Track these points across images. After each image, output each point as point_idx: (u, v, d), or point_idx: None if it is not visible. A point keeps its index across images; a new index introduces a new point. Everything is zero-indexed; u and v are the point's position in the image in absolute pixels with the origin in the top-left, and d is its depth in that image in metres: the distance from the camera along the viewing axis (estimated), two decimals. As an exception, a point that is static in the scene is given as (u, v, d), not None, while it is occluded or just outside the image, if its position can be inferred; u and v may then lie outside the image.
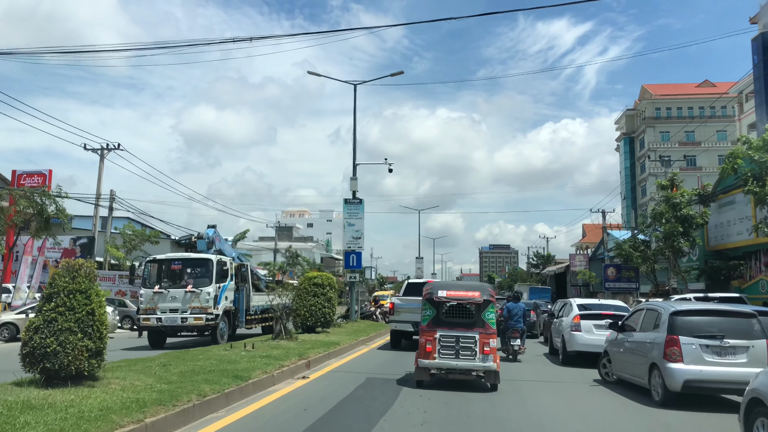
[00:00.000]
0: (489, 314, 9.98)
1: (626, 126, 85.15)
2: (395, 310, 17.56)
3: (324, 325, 18.22)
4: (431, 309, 10.15)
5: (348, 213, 25.65)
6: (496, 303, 11.33)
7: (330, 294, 18.19)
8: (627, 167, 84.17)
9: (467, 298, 9.96)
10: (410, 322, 16.31)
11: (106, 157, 35.94)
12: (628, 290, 44.80)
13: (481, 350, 9.66)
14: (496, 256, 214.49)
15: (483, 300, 9.91)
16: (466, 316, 10.08)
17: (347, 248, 25.65)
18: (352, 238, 25.58)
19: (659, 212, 30.72)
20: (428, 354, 9.83)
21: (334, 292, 18.39)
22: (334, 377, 11.40)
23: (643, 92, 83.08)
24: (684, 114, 79.73)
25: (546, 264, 73.86)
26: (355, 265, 25.50)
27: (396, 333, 17.44)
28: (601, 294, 54.32)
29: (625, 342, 10.81)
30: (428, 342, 9.86)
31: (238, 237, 48.59)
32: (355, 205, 25.68)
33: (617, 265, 45.31)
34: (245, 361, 10.70)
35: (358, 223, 25.63)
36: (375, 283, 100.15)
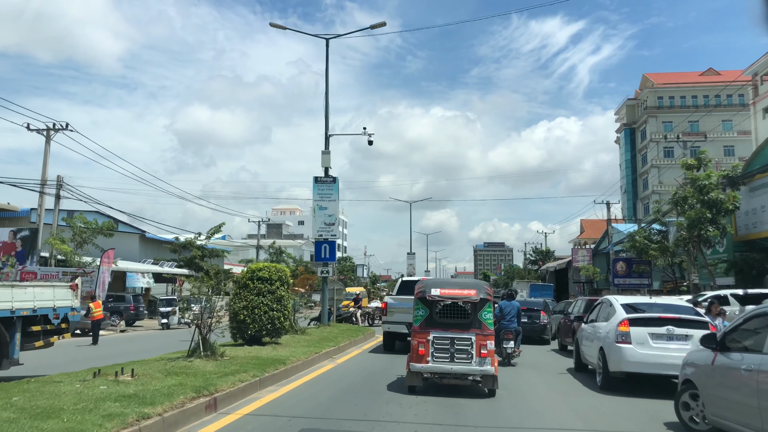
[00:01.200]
0: (486, 314, 9.30)
1: (627, 116, 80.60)
2: (388, 310, 16.33)
3: (273, 333, 13.47)
4: (424, 308, 9.46)
5: (319, 194, 20.91)
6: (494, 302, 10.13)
7: (281, 292, 13.46)
8: (628, 159, 79.65)
9: (462, 297, 9.27)
10: (404, 323, 15.05)
11: (52, 138, 31.15)
12: (640, 287, 40.17)
13: (478, 353, 9.02)
14: (491, 254, 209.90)
15: (479, 299, 9.26)
16: (461, 316, 9.41)
17: (318, 236, 20.92)
18: (324, 224, 20.83)
19: (682, 197, 26.20)
20: (421, 357, 9.13)
21: (286, 290, 13.64)
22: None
23: (644, 81, 78.54)
24: (688, 103, 75.34)
25: (545, 260, 69.24)
26: (328, 256, 20.76)
27: (389, 335, 16.27)
28: (605, 291, 49.86)
29: (740, 371, 6.12)
30: (421, 344, 9.18)
31: (212, 231, 43.71)
32: (327, 184, 20.95)
33: (627, 259, 40.65)
34: (71, 412, 5.94)
35: (331, 206, 20.90)
36: (368, 282, 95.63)
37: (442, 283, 9.99)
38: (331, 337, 17.08)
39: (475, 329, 9.18)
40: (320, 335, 17.57)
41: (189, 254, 43.28)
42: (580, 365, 12.94)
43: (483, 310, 9.30)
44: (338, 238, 21.38)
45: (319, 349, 14.07)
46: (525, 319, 20.74)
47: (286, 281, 13.79)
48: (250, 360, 10.79)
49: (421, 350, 9.11)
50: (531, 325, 20.87)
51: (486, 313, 9.29)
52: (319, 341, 15.80)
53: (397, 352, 15.84)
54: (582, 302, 17.98)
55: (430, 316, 9.43)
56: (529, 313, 21.06)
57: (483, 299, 9.29)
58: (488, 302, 9.35)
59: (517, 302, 15.14)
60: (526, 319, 20.90)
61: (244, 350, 12.36)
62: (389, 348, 16.30)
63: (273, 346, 13.38)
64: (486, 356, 9.00)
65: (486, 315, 9.29)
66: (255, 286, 13.29)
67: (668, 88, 75.53)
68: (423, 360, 9.09)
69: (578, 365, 13.02)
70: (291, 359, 11.60)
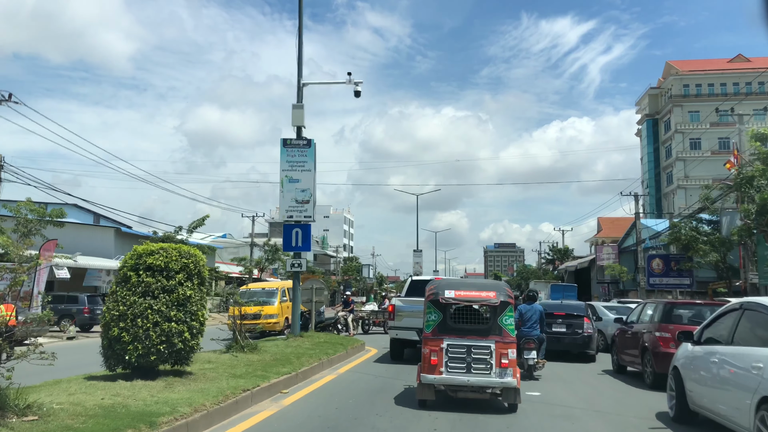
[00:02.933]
0: (507, 319, 8.22)
1: (649, 107, 74.57)
2: (396, 313, 14.23)
3: (174, 357, 8.01)
4: (436, 312, 8.35)
5: (288, 161, 15.52)
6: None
7: (187, 291, 8.00)
8: (650, 152, 73.64)
9: (480, 300, 8.28)
10: (414, 328, 13.07)
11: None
12: (679, 288, 34.43)
13: (498, 363, 7.93)
14: (502, 255, 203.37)
15: (500, 302, 8.20)
16: (479, 321, 8.36)
17: (286, 218, 15.50)
18: (295, 201, 15.41)
19: (748, 177, 20.75)
20: (433, 367, 8.03)
21: (194, 287, 8.14)
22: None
23: (668, 69, 72.54)
24: (716, 91, 69.19)
25: (563, 259, 63.41)
26: (300, 245, 15.35)
27: (397, 342, 14.35)
28: (633, 293, 44.08)
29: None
30: (433, 353, 8.09)
31: (195, 224, 38.50)
32: (299, 149, 15.55)
33: (665, 256, 34.90)
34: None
35: (305, 178, 15.48)
36: (374, 283, 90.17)
37: (456, 283, 8.97)
38: (293, 357, 11.70)
39: (495, 336, 8.17)
40: (279, 353, 12.18)
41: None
42: (684, 412, 7.44)
43: (503, 314, 8.29)
44: (319, 224, 15.97)
45: (259, 380, 8.72)
46: (563, 329, 15.49)
47: (199, 273, 8.35)
48: (83, 416, 5.43)
49: (434, 359, 8.12)
50: (571, 336, 15.43)
51: (507, 318, 8.29)
52: (268, 365, 10.41)
53: (406, 361, 13.75)
54: (655, 307, 12.38)
55: (444, 320, 8.36)
56: (567, 321, 15.64)
57: (503, 302, 8.26)
58: (509, 306, 8.31)
59: (540, 306, 12.98)
60: (564, 328, 15.56)
61: (104, 389, 7.00)
62: (397, 357, 14.25)
63: (171, 379, 7.94)
64: (507, 366, 8.01)
65: (507, 320, 8.28)
66: (141, 281, 7.86)
67: (695, 75, 69.48)
68: (435, 371, 8.10)
69: (682, 412, 7.51)
70: (181, 409, 6.25)
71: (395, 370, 12.68)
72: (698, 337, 7.44)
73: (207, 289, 8.53)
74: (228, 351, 11.63)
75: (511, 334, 8.25)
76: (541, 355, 12.17)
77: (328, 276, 76.82)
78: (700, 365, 7.01)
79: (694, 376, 7.17)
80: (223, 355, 11.27)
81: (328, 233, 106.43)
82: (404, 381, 10.66)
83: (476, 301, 8.33)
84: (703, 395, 6.86)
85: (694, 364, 7.20)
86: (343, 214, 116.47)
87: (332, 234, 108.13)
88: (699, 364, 7.04)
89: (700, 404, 6.95)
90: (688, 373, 7.34)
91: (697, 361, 7.14)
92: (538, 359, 11.83)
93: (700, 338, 7.39)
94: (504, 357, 8.02)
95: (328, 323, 18.72)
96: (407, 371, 11.85)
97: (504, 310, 8.27)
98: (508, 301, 8.31)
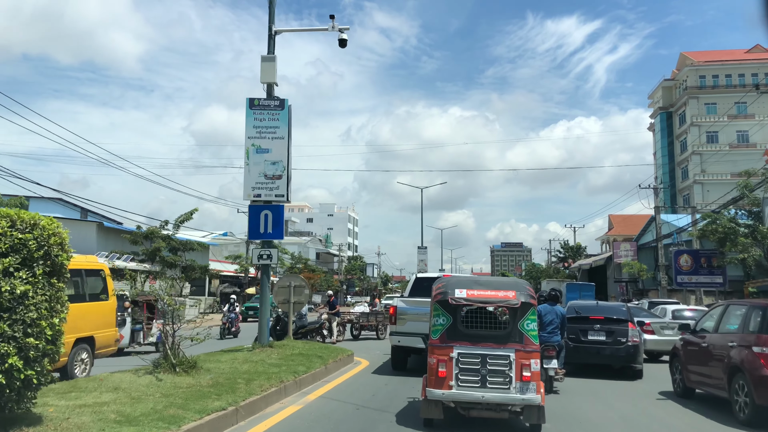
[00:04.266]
0: (529, 323, 6.94)
1: (663, 99, 70.81)
2: (398, 316, 11.94)
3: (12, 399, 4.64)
4: (445, 315, 7.05)
5: (256, 127, 12.17)
6: None
7: (19, 287, 4.67)
8: (664, 146, 69.87)
9: (497, 301, 6.94)
10: (420, 334, 11.02)
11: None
12: (711, 286, 30.91)
13: (519, 376, 6.72)
14: (509, 255, 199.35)
15: (520, 303, 6.85)
16: (495, 326, 7.08)
17: (253, 197, 12.15)
18: (264, 176, 12.06)
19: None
20: (441, 381, 6.78)
21: (36, 280, 4.80)
22: None
23: (683, 60, 68.79)
24: (734, 83, 65.41)
25: (575, 257, 59.85)
26: (270, 231, 11.98)
27: (399, 350, 12.17)
28: (653, 292, 40.55)
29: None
30: (441, 363, 6.84)
31: (182, 218, 35.24)
32: (269, 111, 12.21)
33: (694, 252, 31.39)
34: None
35: (277, 147, 12.14)
36: (378, 283, 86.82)
37: (468, 281, 7.64)
38: (243, 380, 8.37)
39: (515, 343, 6.81)
40: (226, 372, 8.86)
41: (155, 246, 35.10)
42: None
43: (525, 318, 6.91)
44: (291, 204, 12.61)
45: (165, 427, 5.41)
46: (602, 336, 12.25)
47: (48, 257, 5.00)
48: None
49: (442, 371, 6.77)
50: (613, 346, 12.09)
51: (529, 323, 6.93)
52: (196, 395, 7.10)
53: (410, 371, 11.97)
54: (747, 312, 8.74)
55: (454, 325, 7.03)
56: (607, 327, 12.29)
57: (525, 303, 6.87)
58: (532, 307, 6.92)
59: (561, 308, 11.09)
60: (603, 335, 12.27)
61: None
62: (399, 366, 12.41)
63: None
64: (529, 380, 6.68)
65: (529, 325, 6.92)
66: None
67: (712, 66, 65.69)
68: (444, 384, 6.75)
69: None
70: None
71: (393, 388, 9.40)
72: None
73: (63, 284, 5.16)
74: (155, 370, 8.33)
75: (534, 341, 6.94)
76: (561, 364, 10.51)
77: (331, 275, 73.59)
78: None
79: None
80: (142, 377, 7.96)
81: (332, 232, 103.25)
82: (407, 395, 8.79)
83: (492, 302, 7.00)
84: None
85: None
86: (347, 212, 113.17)
87: (336, 233, 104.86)
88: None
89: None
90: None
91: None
92: (557, 368, 10.22)
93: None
94: (526, 369, 6.78)
95: (311, 328, 15.41)
96: (410, 387, 9.09)
97: (525, 313, 6.97)
98: (530, 302, 6.94)
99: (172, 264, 36.73)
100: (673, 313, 18.77)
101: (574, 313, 12.83)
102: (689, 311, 19.17)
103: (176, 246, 36.63)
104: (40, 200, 42.90)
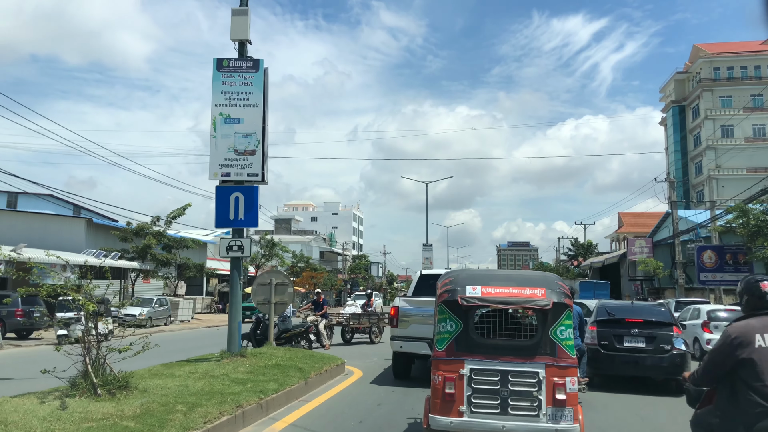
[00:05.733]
0: (563, 330, 5.33)
1: (675, 93, 68.35)
2: (400, 318, 10.54)
3: None
4: (454, 320, 5.41)
5: (224, 92, 10.09)
6: None
7: None
8: (676, 141, 67.39)
9: (522, 300, 5.32)
10: (426, 339, 9.53)
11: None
12: (736, 284, 28.63)
13: (551, 399, 5.15)
14: (515, 254, 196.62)
15: (552, 303, 5.26)
16: (519, 333, 5.43)
17: (221, 176, 10.07)
18: (234, 151, 9.97)
19: None
20: (449, 405, 5.19)
21: None
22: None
23: (696, 52, 66.31)
24: (749, 75, 62.95)
25: (585, 255, 57.55)
26: (242, 218, 9.93)
27: (402, 357, 10.73)
28: (670, 291, 38.25)
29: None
30: (449, 382, 5.23)
31: (174, 214, 33.29)
32: (240, 73, 10.14)
33: (718, 247, 29.11)
34: None
35: (250, 116, 10.07)
36: (383, 282, 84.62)
37: (483, 276, 5.78)
38: (185, 406, 6.30)
39: (545, 356, 5.26)
40: (169, 394, 6.79)
41: (145, 243, 33.12)
42: None
43: (558, 323, 5.32)
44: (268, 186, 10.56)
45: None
46: (641, 343, 10.26)
47: None
48: None
49: (450, 393, 5.19)
50: (654, 354, 10.03)
51: (563, 329, 5.32)
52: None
53: (414, 381, 10.45)
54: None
55: (465, 332, 5.39)
56: (647, 331, 10.22)
57: (559, 304, 5.29)
58: (567, 309, 5.33)
59: (579, 308, 9.68)
60: (643, 342, 10.25)
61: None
62: (402, 375, 10.91)
63: None
64: (564, 404, 5.12)
65: (563, 332, 5.32)
66: None
67: (726, 58, 63.22)
68: (453, 410, 5.19)
69: None
70: None
71: (389, 409, 7.36)
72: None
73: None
74: (70, 392, 6.28)
75: (571, 353, 5.39)
76: (582, 372, 9.31)
77: (335, 274, 71.50)
78: None
79: None
80: (47, 404, 5.90)
81: (337, 231, 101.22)
82: (407, 415, 7.40)
83: (515, 303, 5.42)
84: None
85: None
86: (352, 211, 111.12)
87: (341, 231, 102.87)
88: None
89: None
90: None
91: None
92: (579, 377, 8.37)
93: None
94: (559, 389, 5.25)
95: (297, 333, 13.32)
96: (412, 403, 7.54)
97: (559, 317, 5.41)
98: (565, 302, 5.40)
99: (165, 262, 34.85)
100: (708, 314, 16.62)
101: (606, 315, 10.74)
102: (725, 312, 17.00)
103: (169, 243, 34.74)
104: (31, 197, 41.36)
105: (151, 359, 8.32)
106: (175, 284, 37.00)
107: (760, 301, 3.53)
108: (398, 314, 10.61)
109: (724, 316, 16.74)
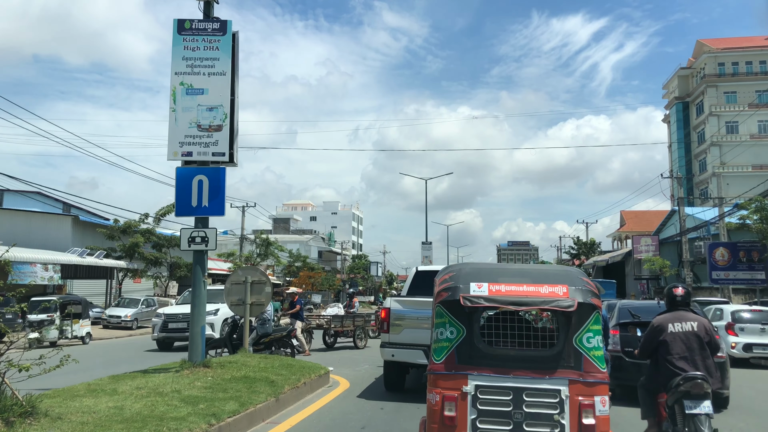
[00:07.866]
0: (591, 337, 4.28)
1: (678, 89, 66.84)
2: (392, 321, 9.12)
3: None
4: (455, 325, 4.37)
5: (186, 58, 8.60)
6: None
7: None
8: (680, 138, 65.87)
9: (539, 300, 4.28)
10: (422, 345, 8.55)
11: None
12: (752, 283, 27.10)
13: (576, 423, 4.10)
14: (515, 253, 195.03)
15: (577, 303, 4.21)
16: (535, 341, 4.37)
17: (181, 155, 8.57)
18: (198, 128, 8.50)
19: None
20: (449, 430, 4.15)
21: None
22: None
23: (700, 47, 64.82)
24: (755, 70, 61.44)
25: (588, 254, 56.09)
26: (206, 204, 8.46)
27: (394, 367, 9.27)
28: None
29: None
30: (449, 402, 4.20)
31: (162, 211, 31.82)
32: (205, 36, 8.68)
33: (732, 245, 27.58)
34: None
35: (216, 86, 8.60)
36: (382, 282, 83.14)
37: (491, 271, 4.63)
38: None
39: (569, 370, 4.19)
40: (91, 421, 5.27)
41: (132, 242, 31.62)
42: None
43: (584, 328, 4.25)
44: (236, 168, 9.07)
45: None
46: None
47: None
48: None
49: (450, 415, 4.15)
50: (693, 364, 8.39)
51: (591, 336, 4.24)
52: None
53: (408, 393, 8.97)
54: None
55: (469, 340, 4.31)
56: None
57: (585, 305, 4.22)
58: (595, 312, 4.26)
59: (604, 310, 7.91)
60: None
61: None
62: (394, 387, 9.35)
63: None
64: (593, 430, 4.02)
65: (591, 340, 4.23)
66: None
67: (731, 53, 61.69)
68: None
69: None
70: None
71: (379, 429, 5.86)
72: None
73: None
74: None
75: (600, 366, 4.20)
76: None
77: (333, 274, 69.99)
78: None
79: None
80: None
81: (336, 230, 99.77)
82: None
83: (531, 304, 4.22)
84: None
85: None
86: (351, 210, 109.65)
87: (340, 231, 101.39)
88: None
89: None
90: None
91: None
92: None
93: None
94: (587, 411, 4.07)
95: (277, 337, 11.78)
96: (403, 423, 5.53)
97: (586, 321, 4.22)
98: (592, 302, 4.21)
99: (154, 261, 33.39)
100: (732, 315, 15.13)
101: (629, 318, 9.31)
102: (748, 312, 15.51)
103: (159, 242, 33.30)
104: (18, 195, 39.91)
105: (111, 369, 6.77)
106: (165, 284, 35.52)
107: (673, 301, 5.43)
108: (389, 317, 9.17)
109: (748, 317, 15.27)
